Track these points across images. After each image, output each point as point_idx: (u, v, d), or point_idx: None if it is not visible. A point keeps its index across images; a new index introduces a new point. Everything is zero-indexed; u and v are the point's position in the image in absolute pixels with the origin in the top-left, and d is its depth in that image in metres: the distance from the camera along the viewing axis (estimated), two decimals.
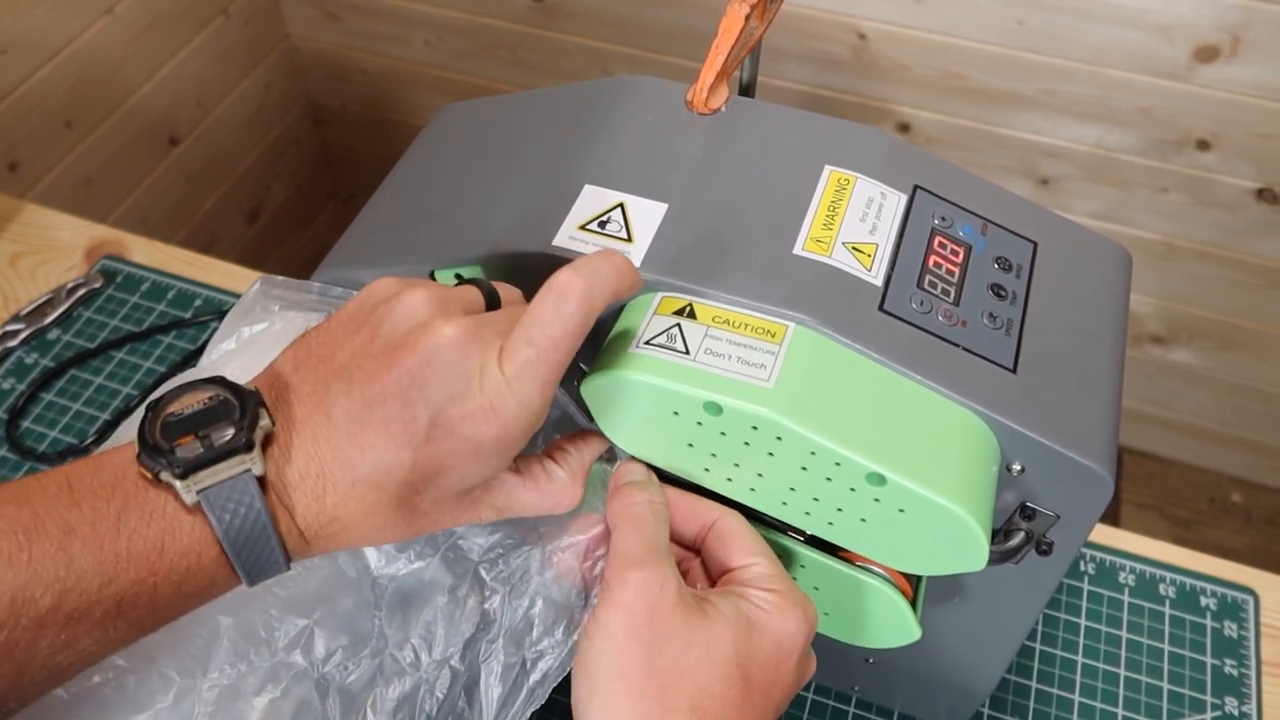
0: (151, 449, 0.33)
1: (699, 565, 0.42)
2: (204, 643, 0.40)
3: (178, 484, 0.32)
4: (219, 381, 0.35)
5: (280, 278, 0.45)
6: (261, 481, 0.33)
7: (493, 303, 0.38)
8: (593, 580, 0.41)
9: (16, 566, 0.31)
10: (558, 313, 0.35)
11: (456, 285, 0.38)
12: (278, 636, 0.40)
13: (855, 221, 0.42)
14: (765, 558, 0.40)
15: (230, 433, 0.33)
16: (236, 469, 0.33)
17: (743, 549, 0.40)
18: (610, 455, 0.42)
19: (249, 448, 0.33)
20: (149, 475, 0.33)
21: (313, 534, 0.35)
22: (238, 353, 0.43)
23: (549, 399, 0.35)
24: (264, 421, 0.34)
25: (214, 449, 0.33)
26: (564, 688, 0.39)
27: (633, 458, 0.42)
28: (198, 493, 0.32)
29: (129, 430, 0.36)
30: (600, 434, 0.41)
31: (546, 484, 0.39)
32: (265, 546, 0.33)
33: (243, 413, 0.33)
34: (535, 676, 0.40)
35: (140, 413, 0.34)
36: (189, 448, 0.33)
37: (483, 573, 0.42)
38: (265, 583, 0.36)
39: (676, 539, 0.42)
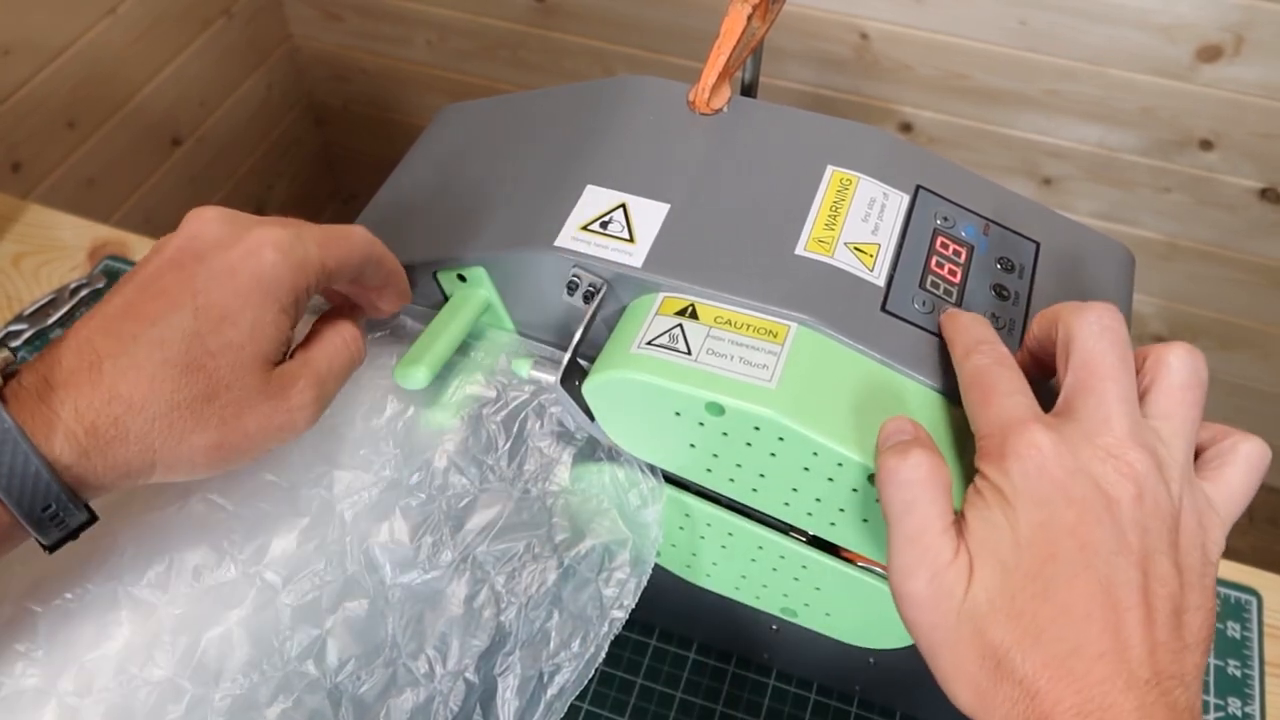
0: None
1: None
2: (217, 652, 0.39)
3: None
4: None
5: None
6: (3, 399, 0.32)
7: None
8: (609, 592, 0.41)
9: None
10: (343, 227, 0.38)
11: None
12: (290, 646, 0.40)
13: (857, 222, 0.42)
14: (1076, 390, 0.33)
15: None
16: None
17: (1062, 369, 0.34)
18: (613, 455, 0.42)
19: None
20: None
21: (88, 427, 0.32)
22: None
23: (325, 263, 0.36)
24: (2, 353, 0.34)
25: None
26: (585, 694, 0.39)
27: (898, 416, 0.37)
28: None
29: None
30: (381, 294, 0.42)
31: (336, 335, 0.39)
32: (18, 458, 0.31)
33: None
34: (553, 690, 0.39)
35: None
36: None
37: (498, 584, 0.41)
38: (276, 590, 0.35)
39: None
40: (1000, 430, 0.32)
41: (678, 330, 0.39)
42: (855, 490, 0.37)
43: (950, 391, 0.38)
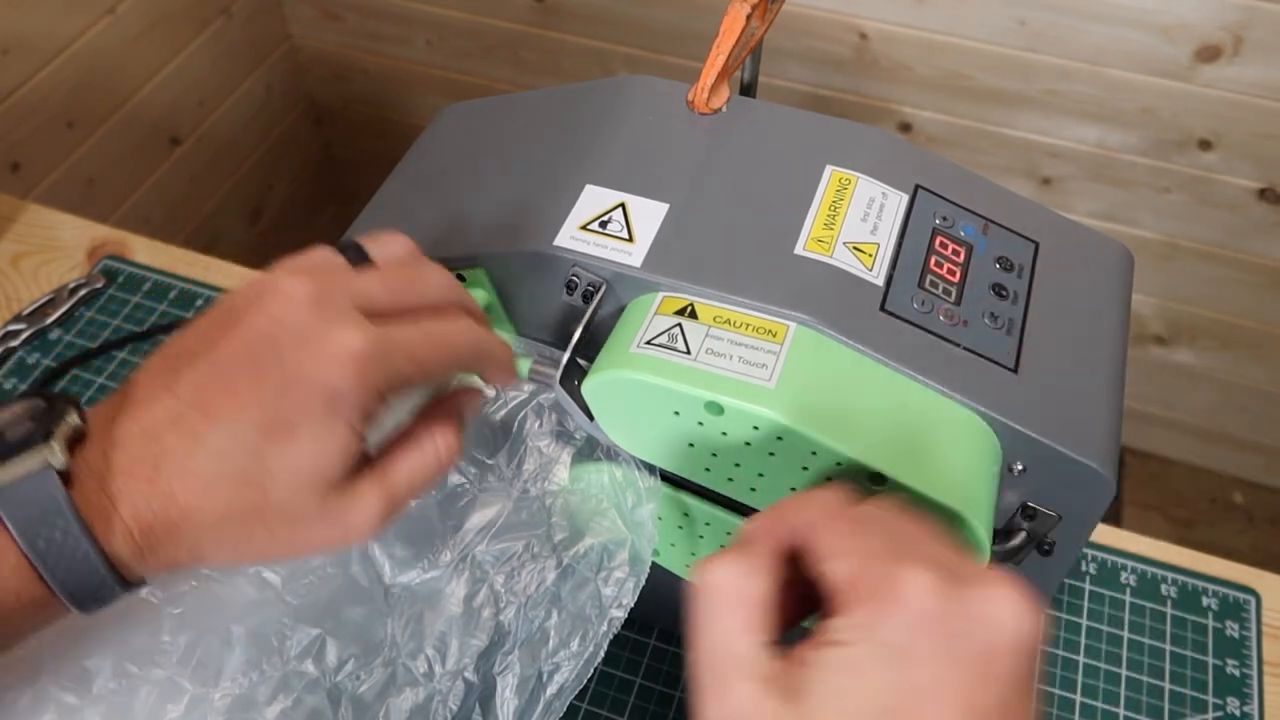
0: None
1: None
2: (216, 651, 0.39)
3: None
4: (38, 393, 0.33)
5: None
6: (67, 476, 0.30)
7: (357, 263, 0.36)
8: (608, 591, 0.41)
9: None
10: (452, 320, 0.35)
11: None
12: (290, 645, 0.40)
13: (856, 221, 0.42)
14: (834, 556, 0.30)
15: (27, 426, 0.31)
16: (33, 463, 0.30)
17: (815, 557, 0.30)
18: (612, 454, 0.42)
19: (45, 438, 0.30)
20: None
21: (144, 527, 0.31)
22: None
23: (419, 375, 0.34)
24: (72, 419, 0.32)
25: (6, 444, 0.30)
26: (584, 694, 0.38)
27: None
28: None
29: None
30: (474, 395, 0.40)
31: (428, 441, 0.36)
32: (76, 549, 0.30)
33: (48, 411, 0.31)
34: (552, 689, 0.39)
35: None
36: None
37: (498, 584, 0.41)
38: (277, 589, 0.35)
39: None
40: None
41: (677, 330, 0.39)
42: (855, 490, 0.37)
43: (950, 391, 0.38)
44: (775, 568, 0.30)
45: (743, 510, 0.42)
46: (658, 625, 0.57)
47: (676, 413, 0.38)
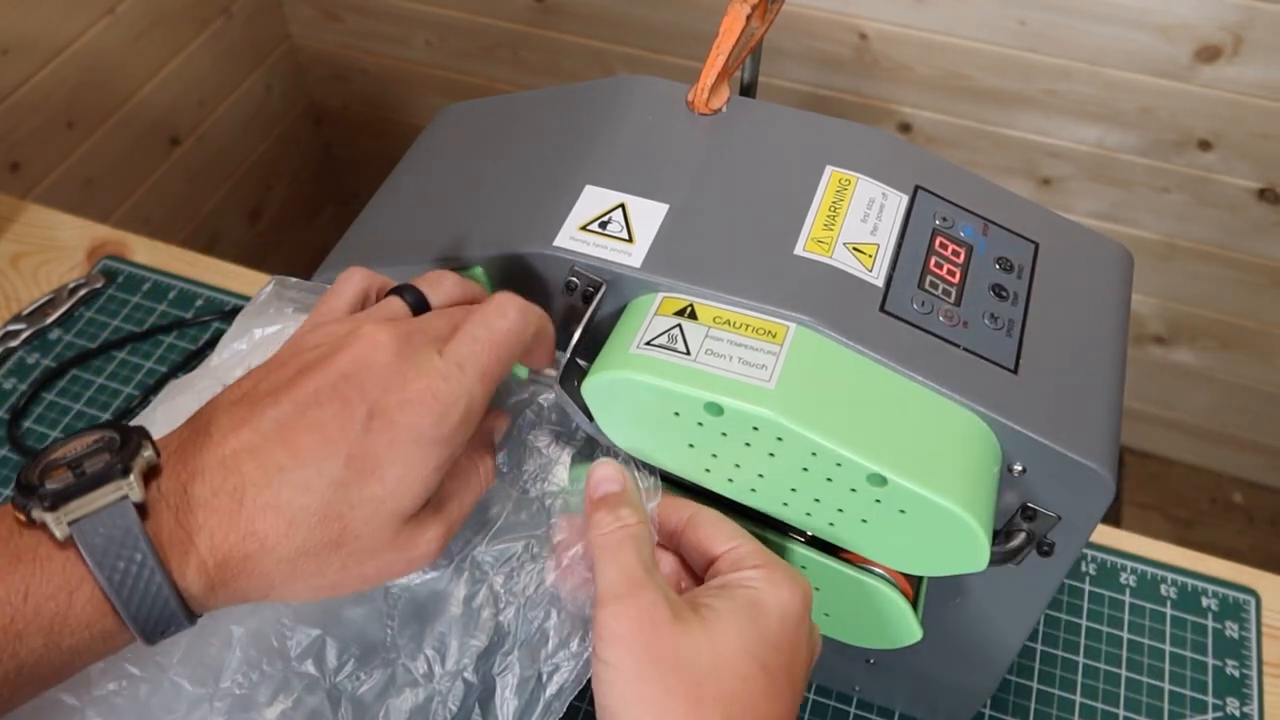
0: (24, 488, 0.30)
1: (678, 563, 0.41)
2: (216, 652, 0.39)
3: (48, 518, 0.30)
4: (109, 425, 0.33)
5: (294, 279, 0.45)
6: (142, 509, 0.31)
7: (419, 308, 0.38)
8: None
9: None
10: (501, 313, 0.36)
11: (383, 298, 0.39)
12: (290, 646, 0.40)
13: (856, 222, 0.42)
14: (744, 539, 0.39)
15: (105, 459, 0.31)
16: (111, 496, 0.30)
17: (720, 535, 0.39)
18: (613, 454, 0.42)
19: (125, 473, 0.30)
20: (22, 517, 0.30)
21: (220, 560, 0.31)
22: (249, 353, 0.43)
23: (489, 393, 0.35)
24: (147, 453, 0.32)
25: (85, 477, 0.30)
26: (584, 694, 0.38)
27: (604, 461, 0.41)
28: (69, 524, 0.30)
29: None
30: (503, 414, 0.41)
31: (474, 472, 0.38)
32: (151, 582, 0.30)
33: (123, 444, 0.31)
34: (551, 689, 0.39)
35: None
36: (59, 479, 0.31)
37: (497, 584, 0.41)
38: None
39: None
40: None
41: (676, 330, 0.39)
42: (854, 490, 0.37)
43: (950, 392, 0.38)
44: (654, 527, 0.40)
45: (742, 511, 0.42)
46: None
47: (676, 413, 0.38)
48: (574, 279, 0.41)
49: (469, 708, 0.40)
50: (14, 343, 0.73)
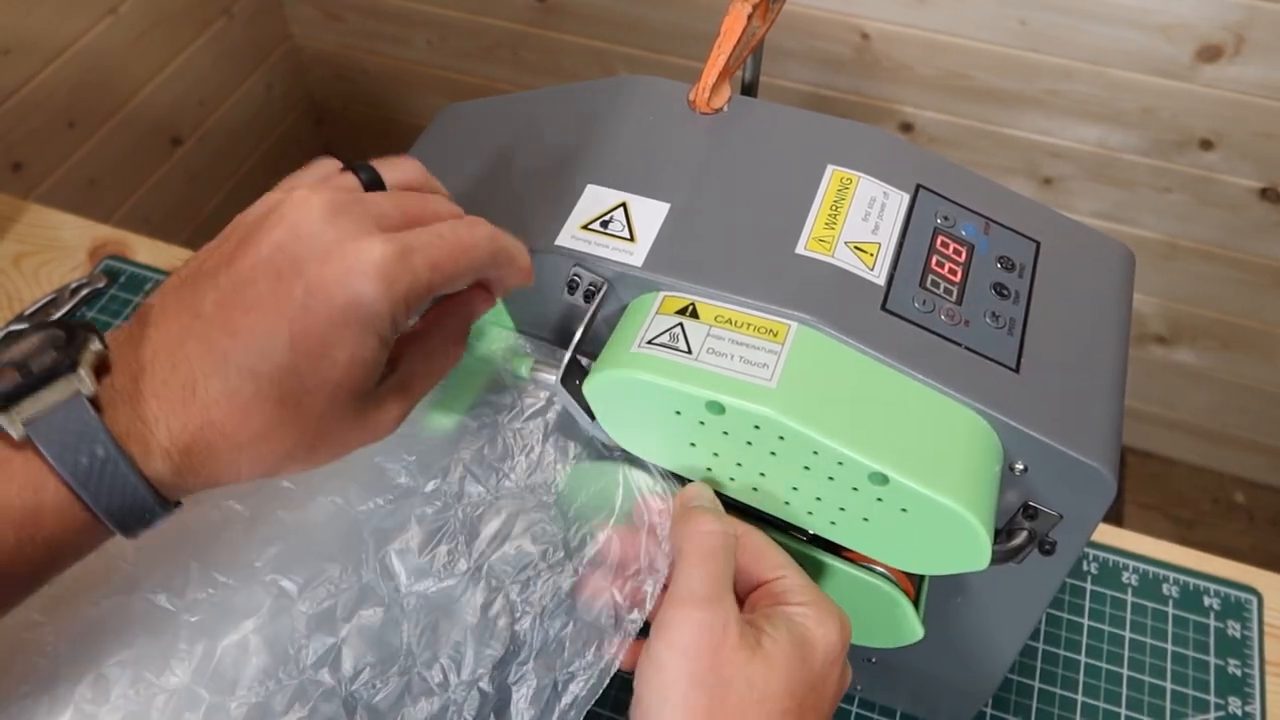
0: None
1: None
2: (234, 660, 0.39)
3: (2, 420, 0.30)
4: (55, 324, 0.33)
5: None
6: (96, 403, 0.31)
7: (372, 188, 0.36)
8: (625, 601, 0.40)
9: None
10: (470, 225, 0.35)
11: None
12: (305, 654, 0.40)
13: (858, 221, 0.42)
14: (792, 569, 0.39)
15: (52, 356, 0.31)
16: (63, 393, 0.30)
17: (769, 561, 0.39)
18: (637, 463, 0.42)
19: (72, 368, 0.30)
20: None
21: (182, 448, 0.31)
22: None
23: (436, 284, 0.33)
24: (94, 346, 0.32)
25: (32, 375, 0.30)
26: (601, 702, 0.38)
27: (695, 483, 0.41)
28: (24, 425, 0.30)
29: None
30: (483, 292, 0.39)
31: (440, 349, 0.37)
32: (117, 473, 0.30)
33: (69, 340, 0.31)
34: (566, 699, 0.39)
35: None
36: (8, 380, 0.30)
37: (513, 593, 0.41)
38: (292, 597, 0.35)
39: None
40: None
41: (678, 329, 0.39)
42: (856, 489, 0.37)
43: (951, 391, 0.38)
44: None
45: (744, 510, 0.42)
46: None
47: (678, 412, 0.38)
48: (575, 278, 0.41)
49: (484, 717, 0.40)
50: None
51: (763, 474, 0.39)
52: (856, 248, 0.41)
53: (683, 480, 0.42)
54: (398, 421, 0.36)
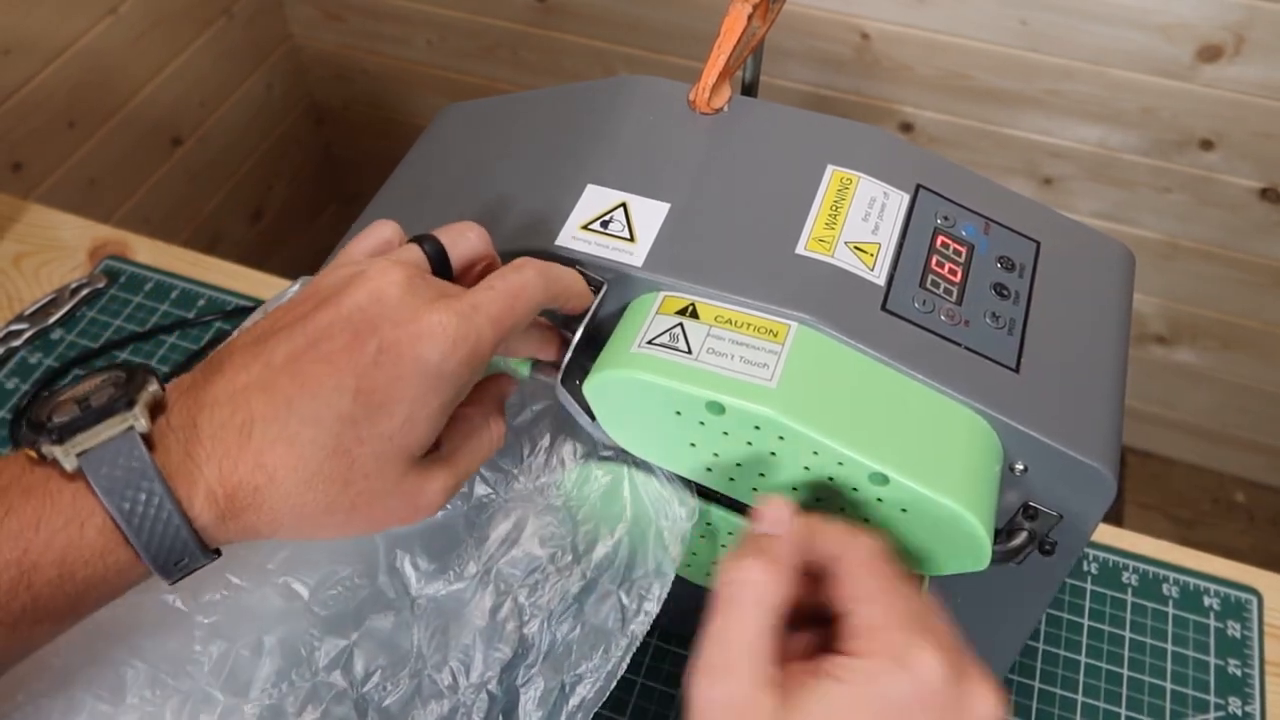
0: (34, 426, 0.31)
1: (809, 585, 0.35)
2: (247, 662, 0.40)
3: (57, 451, 0.30)
4: (117, 365, 0.34)
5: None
6: (149, 440, 0.31)
7: (437, 258, 0.38)
8: (629, 604, 0.41)
9: None
10: (517, 270, 0.36)
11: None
12: (318, 656, 0.40)
13: (858, 221, 0.42)
14: (867, 601, 0.33)
15: (110, 394, 0.31)
16: (117, 428, 0.31)
17: (843, 593, 0.33)
18: (640, 464, 0.42)
19: (129, 405, 0.31)
20: (33, 453, 0.31)
21: (228, 491, 0.32)
22: None
23: (498, 339, 0.35)
24: (152, 387, 0.32)
25: (90, 410, 0.31)
26: (608, 704, 0.38)
27: (778, 501, 0.36)
28: (77, 457, 0.30)
29: None
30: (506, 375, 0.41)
31: (484, 428, 0.38)
32: (161, 513, 0.31)
33: (129, 380, 0.32)
34: (574, 701, 0.39)
35: None
36: (66, 413, 0.31)
37: (521, 596, 0.41)
38: (305, 600, 0.35)
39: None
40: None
41: (678, 329, 0.39)
42: (856, 489, 0.37)
43: (951, 391, 0.38)
44: (797, 582, 0.34)
45: (744, 510, 0.42)
46: (660, 626, 0.57)
47: (678, 412, 0.38)
48: None
49: (493, 719, 0.40)
50: (16, 342, 0.73)
51: (763, 474, 0.39)
52: (856, 248, 0.41)
53: (687, 482, 0.42)
54: (444, 496, 0.36)
